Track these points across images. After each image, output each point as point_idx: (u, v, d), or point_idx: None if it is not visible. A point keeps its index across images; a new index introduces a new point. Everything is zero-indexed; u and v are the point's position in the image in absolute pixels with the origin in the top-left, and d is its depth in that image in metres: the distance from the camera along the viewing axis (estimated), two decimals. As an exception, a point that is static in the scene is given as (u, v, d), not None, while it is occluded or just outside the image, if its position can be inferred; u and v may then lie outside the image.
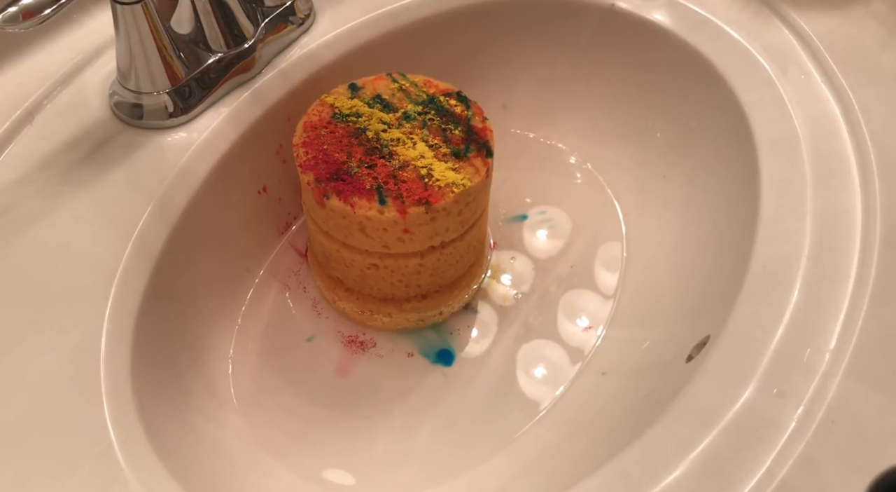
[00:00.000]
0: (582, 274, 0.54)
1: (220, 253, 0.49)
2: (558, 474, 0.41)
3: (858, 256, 0.40)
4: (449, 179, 0.43)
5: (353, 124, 0.45)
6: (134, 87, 0.46)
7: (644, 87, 0.57)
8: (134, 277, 0.41)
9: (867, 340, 0.37)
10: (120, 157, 0.45)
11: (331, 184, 0.43)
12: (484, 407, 0.48)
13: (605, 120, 0.60)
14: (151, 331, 0.41)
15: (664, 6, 0.55)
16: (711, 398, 0.36)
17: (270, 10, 0.51)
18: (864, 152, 0.45)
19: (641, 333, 0.49)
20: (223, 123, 0.47)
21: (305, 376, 0.49)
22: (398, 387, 0.49)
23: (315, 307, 0.53)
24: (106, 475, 0.34)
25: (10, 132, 0.45)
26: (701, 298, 0.46)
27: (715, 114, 0.52)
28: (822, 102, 0.48)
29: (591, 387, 0.48)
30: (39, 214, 0.42)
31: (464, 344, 0.51)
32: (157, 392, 0.40)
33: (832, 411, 0.35)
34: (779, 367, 0.36)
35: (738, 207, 0.47)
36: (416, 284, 0.49)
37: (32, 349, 0.37)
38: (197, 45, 0.48)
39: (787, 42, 0.52)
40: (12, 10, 0.37)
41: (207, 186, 0.46)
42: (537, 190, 0.59)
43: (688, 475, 0.33)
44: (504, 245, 0.56)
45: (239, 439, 0.45)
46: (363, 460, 0.46)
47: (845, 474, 0.33)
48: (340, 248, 0.46)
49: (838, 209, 0.42)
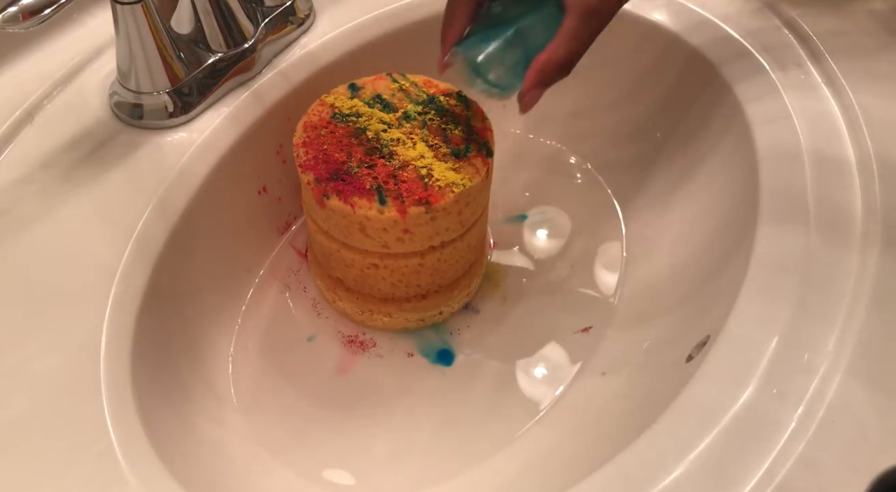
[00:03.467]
0: (582, 274, 0.54)
1: (220, 253, 0.49)
2: (558, 473, 0.41)
3: (858, 256, 0.40)
4: (449, 179, 0.43)
5: (353, 124, 0.45)
6: (134, 87, 0.46)
7: (644, 87, 0.57)
8: (134, 277, 0.41)
9: (867, 340, 0.37)
10: (120, 157, 0.45)
11: (331, 184, 0.43)
12: (484, 407, 0.48)
13: (605, 120, 0.60)
14: (151, 331, 0.41)
15: (664, 6, 0.55)
16: (711, 398, 0.36)
17: (270, 10, 0.51)
18: (864, 152, 0.45)
19: (641, 333, 0.49)
20: (223, 123, 0.47)
21: (306, 375, 0.49)
22: (398, 387, 0.49)
23: (315, 307, 0.53)
24: (106, 475, 0.34)
25: (10, 132, 0.45)
26: (701, 298, 0.46)
27: (715, 114, 0.52)
28: (822, 102, 0.48)
29: (591, 387, 0.48)
30: (39, 214, 0.42)
31: (464, 344, 0.51)
32: (157, 392, 0.40)
33: (832, 411, 0.35)
34: (779, 367, 0.36)
35: (738, 207, 0.47)
36: (416, 284, 0.49)
37: (32, 349, 0.37)
38: (197, 45, 0.48)
39: (787, 42, 0.52)
40: (12, 10, 0.37)
41: (207, 186, 0.46)
42: (537, 190, 0.59)
43: (688, 475, 0.33)
44: (504, 245, 0.56)
45: (239, 438, 0.45)
46: (363, 460, 0.46)
47: (845, 474, 0.33)
48: (340, 248, 0.46)
49: (838, 209, 0.42)
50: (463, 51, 0.42)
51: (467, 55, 0.41)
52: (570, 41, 0.38)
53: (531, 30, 0.41)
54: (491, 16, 0.42)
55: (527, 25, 0.41)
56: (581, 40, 0.38)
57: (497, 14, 0.42)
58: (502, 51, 0.41)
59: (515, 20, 0.41)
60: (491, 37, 0.41)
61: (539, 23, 0.41)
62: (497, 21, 0.41)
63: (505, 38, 0.41)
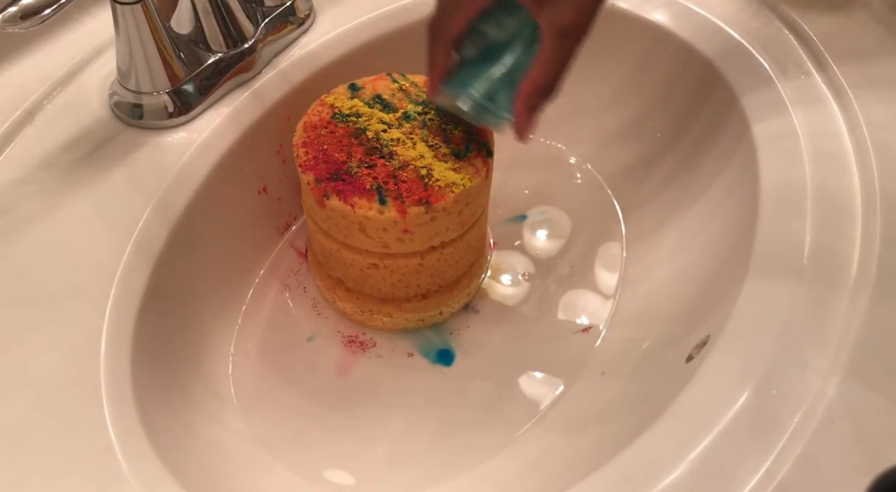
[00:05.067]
0: (582, 274, 0.54)
1: (220, 253, 0.49)
2: (558, 474, 0.41)
3: (858, 256, 0.40)
4: (449, 180, 0.43)
5: (353, 124, 0.45)
6: (134, 87, 0.46)
7: (644, 87, 0.57)
8: (134, 277, 0.41)
9: (867, 340, 0.37)
10: (120, 157, 0.45)
11: (331, 184, 0.43)
12: (484, 407, 0.48)
13: (605, 120, 0.60)
14: (151, 331, 0.41)
15: (664, 6, 0.55)
16: (711, 398, 0.36)
17: (270, 10, 0.51)
18: (864, 152, 0.45)
19: (641, 333, 0.49)
20: (223, 123, 0.47)
21: (305, 375, 0.49)
22: (398, 387, 0.49)
23: (315, 307, 0.53)
24: (106, 475, 0.34)
25: (10, 132, 0.45)
26: (701, 298, 0.46)
27: (715, 114, 0.52)
28: (822, 102, 0.48)
29: (591, 387, 0.48)
30: (39, 214, 0.42)
31: (464, 344, 0.51)
32: (157, 392, 0.40)
33: (832, 411, 0.35)
34: (779, 367, 0.36)
35: (738, 207, 0.47)
36: (416, 284, 0.49)
37: (32, 349, 0.37)
38: (197, 45, 0.48)
39: (787, 42, 0.52)
40: (12, 10, 0.37)
41: (207, 186, 0.46)
42: (537, 190, 0.59)
43: (688, 475, 0.33)
44: (504, 245, 0.56)
45: (239, 438, 0.45)
46: (363, 460, 0.46)
47: (845, 474, 0.33)
48: (340, 248, 0.46)
49: (838, 209, 0.42)
50: (450, 89, 0.42)
51: (455, 93, 0.42)
52: (548, 64, 0.38)
53: (514, 57, 0.41)
54: (472, 49, 0.42)
55: (509, 54, 0.41)
56: (558, 61, 0.38)
57: (479, 46, 0.42)
58: (487, 83, 0.41)
59: (498, 50, 0.41)
60: (475, 71, 0.42)
61: (520, 49, 0.41)
62: (480, 53, 0.42)
63: (489, 69, 0.41)
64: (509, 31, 0.41)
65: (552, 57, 0.38)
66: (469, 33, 0.41)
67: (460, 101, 0.42)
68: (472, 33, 0.41)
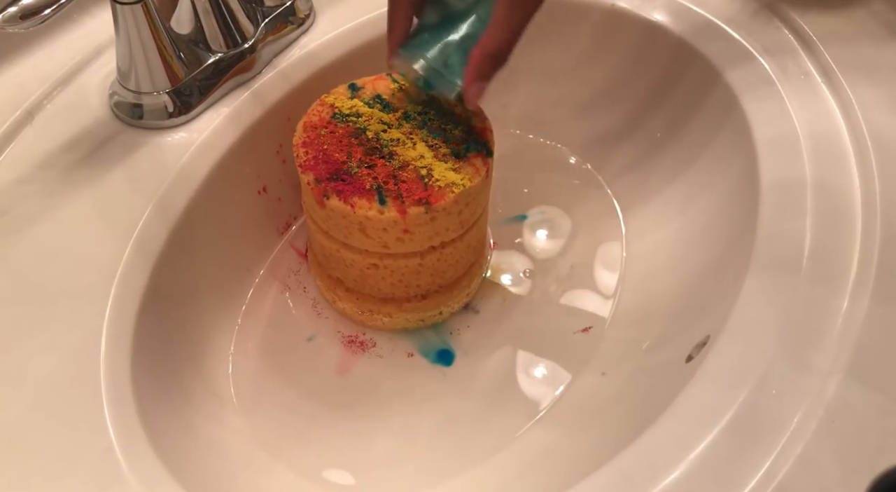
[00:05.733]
0: (582, 274, 0.54)
1: (220, 253, 0.49)
2: (558, 474, 0.41)
3: (858, 256, 0.40)
4: (449, 180, 0.43)
5: (353, 124, 0.45)
6: (134, 87, 0.46)
7: (644, 87, 0.57)
8: (134, 277, 0.41)
9: (867, 340, 0.37)
10: (120, 157, 0.45)
11: (331, 184, 0.43)
12: (484, 407, 0.48)
13: (605, 120, 0.60)
14: (151, 331, 0.41)
15: (664, 6, 0.55)
16: (711, 398, 0.36)
17: (270, 10, 0.51)
18: (864, 152, 0.45)
19: (641, 333, 0.49)
20: (223, 123, 0.48)
21: (305, 375, 0.49)
22: (398, 387, 0.49)
23: (315, 307, 0.53)
24: (106, 475, 0.34)
25: (10, 132, 0.45)
26: (701, 298, 0.46)
27: (715, 114, 0.52)
28: (822, 102, 0.48)
29: (591, 387, 0.48)
30: (39, 214, 0.42)
31: (464, 344, 0.51)
32: (157, 392, 0.40)
33: (832, 411, 0.35)
34: (779, 367, 0.36)
35: (738, 207, 0.47)
36: (416, 284, 0.49)
37: (32, 349, 0.37)
38: (197, 45, 0.48)
39: (787, 42, 0.52)
40: (12, 10, 0.37)
41: (207, 186, 0.46)
42: (537, 190, 0.59)
43: (688, 475, 0.33)
44: (504, 245, 0.56)
45: (239, 438, 0.45)
46: (363, 460, 0.46)
47: (845, 474, 0.33)
48: (340, 248, 0.46)
49: (838, 209, 0.42)
50: (406, 52, 0.43)
51: (411, 56, 0.42)
52: (500, 31, 0.38)
53: (471, 25, 0.41)
54: (433, 15, 0.42)
55: (467, 21, 0.41)
56: (511, 28, 0.38)
57: (439, 13, 0.42)
58: (443, 49, 0.42)
59: (458, 17, 0.42)
60: (433, 37, 0.42)
61: (478, 17, 0.41)
62: (440, 20, 0.42)
63: (446, 35, 0.42)
64: (468, 1, 0.42)
65: (503, 24, 0.38)
66: (431, 0, 0.42)
67: (416, 65, 0.42)
68: (434, 0, 0.42)
